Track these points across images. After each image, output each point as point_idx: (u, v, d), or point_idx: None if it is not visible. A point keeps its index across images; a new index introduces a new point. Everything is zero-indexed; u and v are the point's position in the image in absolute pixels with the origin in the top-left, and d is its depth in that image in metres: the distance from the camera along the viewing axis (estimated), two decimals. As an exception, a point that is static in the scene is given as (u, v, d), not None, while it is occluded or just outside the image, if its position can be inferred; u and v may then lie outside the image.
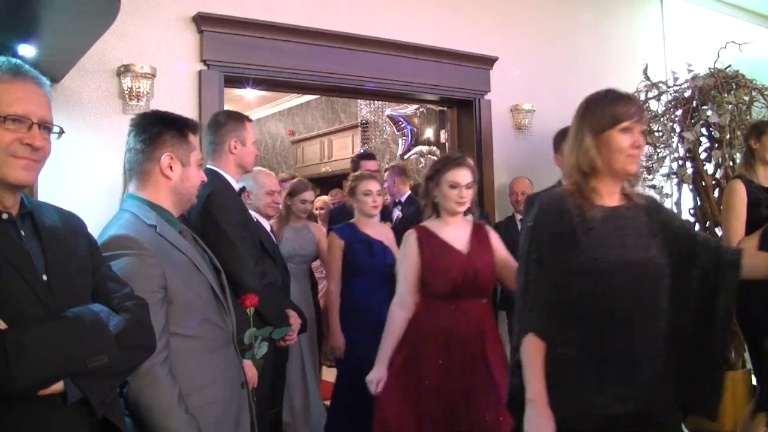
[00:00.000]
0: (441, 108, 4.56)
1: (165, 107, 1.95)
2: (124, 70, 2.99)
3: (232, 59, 3.30)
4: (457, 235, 2.56)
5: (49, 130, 1.27)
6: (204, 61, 3.25)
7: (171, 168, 1.68)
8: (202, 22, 3.21)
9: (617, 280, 1.60)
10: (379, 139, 7.47)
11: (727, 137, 3.94)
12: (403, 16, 3.93)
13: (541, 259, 1.65)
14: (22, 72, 1.25)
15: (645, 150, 1.83)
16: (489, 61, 4.20)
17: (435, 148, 6.45)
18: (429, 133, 6.66)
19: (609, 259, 1.61)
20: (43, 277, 1.22)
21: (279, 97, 8.93)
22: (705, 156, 4.12)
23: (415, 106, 6.40)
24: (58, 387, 1.15)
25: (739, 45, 4.12)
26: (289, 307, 2.66)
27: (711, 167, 4.12)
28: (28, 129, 1.22)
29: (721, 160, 4.01)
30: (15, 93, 1.22)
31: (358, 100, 7.08)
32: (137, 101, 3.00)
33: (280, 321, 2.42)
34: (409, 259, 2.53)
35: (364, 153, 5.04)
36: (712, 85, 3.98)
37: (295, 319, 2.61)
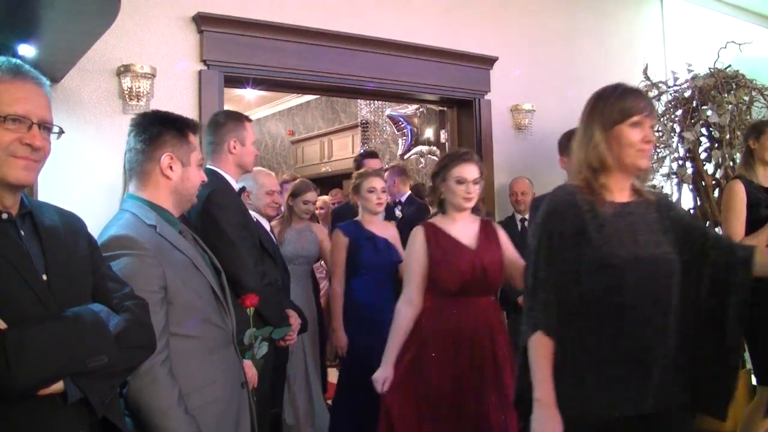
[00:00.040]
0: (441, 108, 4.55)
1: (165, 107, 1.95)
2: (124, 70, 2.99)
3: (232, 59, 3.30)
4: (465, 231, 2.52)
5: (49, 130, 1.27)
6: (204, 61, 3.25)
7: (171, 168, 1.67)
8: (202, 22, 3.21)
9: (629, 276, 1.57)
10: (379, 139, 7.47)
11: (727, 137, 3.94)
12: (403, 16, 3.93)
13: (551, 256, 1.62)
14: (22, 72, 1.25)
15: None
16: (489, 61, 4.20)
17: (435, 148, 6.46)
18: (429, 133, 6.67)
19: (621, 255, 1.58)
20: (43, 277, 1.22)
21: (279, 97, 8.94)
22: (705, 156, 4.12)
23: (415, 106, 6.41)
24: (58, 387, 1.15)
25: (739, 45, 4.12)
26: (289, 307, 2.66)
27: (711, 167, 4.12)
28: (28, 129, 1.22)
29: (721, 160, 4.01)
30: (15, 93, 1.22)
31: (358, 100, 7.08)
32: (137, 101, 3.00)
33: (280, 321, 2.42)
34: (417, 255, 2.48)
35: (368, 151, 5.02)
36: (712, 85, 3.98)
37: (295, 319, 2.61)
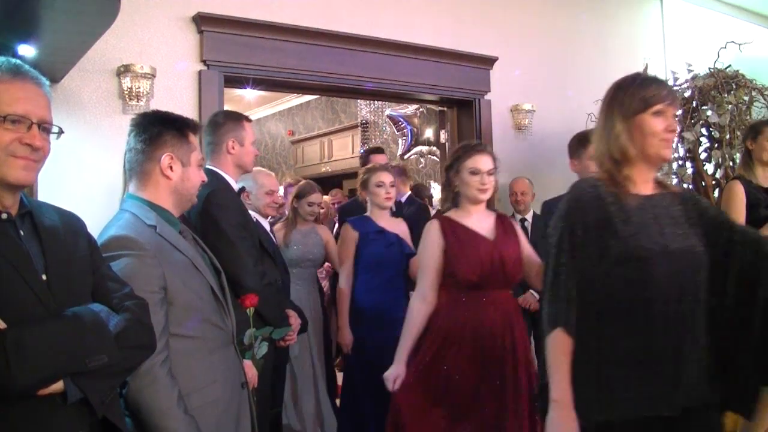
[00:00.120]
0: (441, 108, 4.55)
1: (165, 107, 1.94)
2: (124, 70, 2.99)
3: (232, 59, 3.30)
4: (482, 224, 2.44)
5: (48, 130, 1.27)
6: (204, 61, 3.25)
7: (171, 168, 1.67)
8: (202, 22, 3.21)
9: (657, 270, 1.51)
10: (379, 139, 7.47)
11: (727, 137, 3.94)
12: (402, 16, 3.93)
13: (575, 249, 1.55)
14: (21, 72, 1.25)
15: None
16: (489, 61, 4.20)
17: (435, 148, 6.46)
18: (429, 133, 6.67)
19: (649, 247, 1.52)
20: (43, 277, 1.22)
21: (279, 97, 8.94)
22: (705, 156, 4.13)
23: (415, 106, 6.41)
24: (58, 387, 1.15)
25: (739, 45, 4.12)
26: (289, 307, 2.66)
27: (711, 167, 4.12)
28: (28, 129, 1.22)
29: (721, 160, 4.01)
30: (15, 93, 1.22)
31: (358, 100, 7.08)
32: (137, 101, 3.00)
33: (280, 321, 2.42)
34: (432, 249, 2.40)
35: (374, 147, 5.01)
36: (712, 85, 3.98)
37: (295, 319, 2.61)
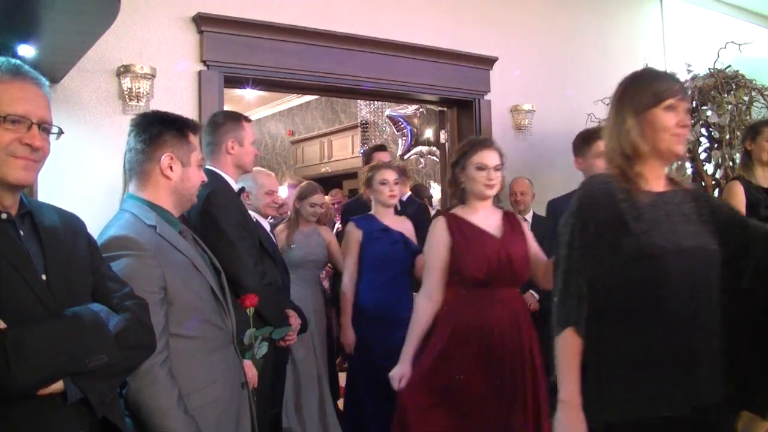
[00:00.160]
0: (441, 108, 4.55)
1: (165, 107, 1.95)
2: (124, 71, 2.99)
3: (232, 59, 3.30)
4: (488, 221, 2.42)
5: (48, 130, 1.27)
6: (204, 62, 3.25)
7: (171, 168, 1.67)
8: (202, 22, 3.21)
9: (671, 268, 1.48)
10: (379, 140, 7.46)
11: (727, 137, 3.94)
12: (402, 16, 3.93)
13: (586, 247, 1.53)
14: (21, 72, 1.25)
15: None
16: (489, 61, 4.20)
17: (435, 148, 6.45)
18: (429, 133, 6.67)
19: (662, 244, 1.49)
20: (42, 277, 1.22)
21: (279, 97, 8.94)
22: (705, 156, 4.12)
23: (415, 106, 6.41)
24: (58, 387, 1.15)
25: (739, 45, 4.12)
26: (288, 307, 2.66)
27: (711, 167, 4.12)
28: (28, 129, 1.22)
29: (720, 160, 4.01)
30: (15, 93, 1.22)
31: (358, 101, 7.08)
32: (137, 101, 3.00)
33: (279, 321, 2.42)
34: (438, 246, 2.38)
35: (377, 145, 5.00)
36: (712, 86, 3.98)
37: (295, 319, 2.61)
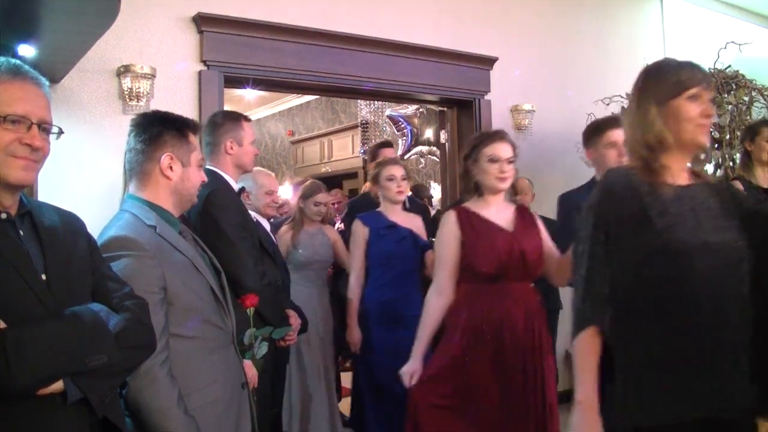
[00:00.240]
0: (441, 108, 4.54)
1: (165, 107, 1.95)
2: (124, 71, 2.99)
3: (232, 59, 3.30)
4: (500, 215, 2.37)
5: (48, 130, 1.27)
6: (204, 62, 3.25)
7: (171, 168, 1.67)
8: (202, 22, 3.21)
9: (698, 264, 1.44)
10: (379, 140, 7.46)
11: (727, 137, 3.94)
12: (402, 16, 3.93)
13: (608, 242, 1.49)
14: (21, 72, 1.25)
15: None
16: (489, 61, 4.20)
17: (435, 148, 6.45)
18: (429, 133, 6.67)
19: (688, 240, 1.45)
20: (42, 277, 1.22)
21: (279, 97, 8.94)
22: (705, 156, 4.12)
23: (415, 106, 6.41)
24: (58, 386, 1.15)
25: (739, 45, 4.12)
26: (289, 307, 2.66)
27: (711, 167, 4.12)
28: (28, 129, 1.22)
29: (720, 160, 4.01)
30: (14, 93, 1.22)
31: (358, 101, 7.08)
32: (137, 101, 3.00)
33: (280, 321, 2.42)
34: (449, 241, 2.34)
35: (382, 141, 4.98)
36: (712, 86, 3.98)
37: (295, 319, 2.61)
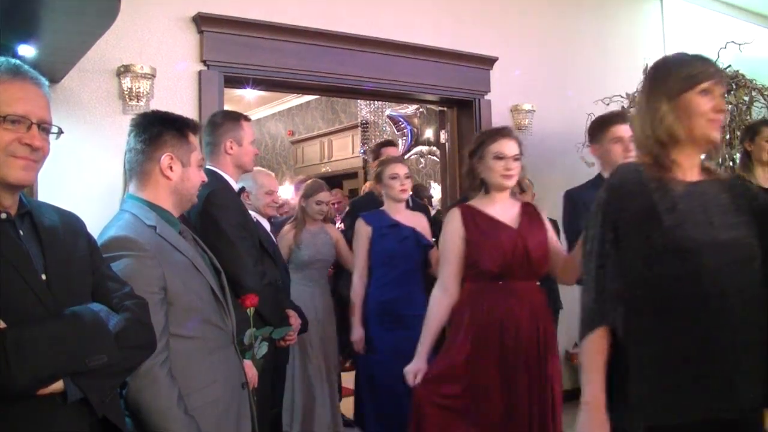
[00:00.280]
0: (441, 108, 4.55)
1: (165, 107, 1.95)
2: (124, 71, 2.99)
3: (232, 59, 3.30)
4: (505, 212, 2.36)
5: (48, 130, 1.27)
6: (204, 62, 3.25)
7: (171, 168, 1.67)
8: (202, 22, 3.21)
9: (708, 262, 1.42)
10: (379, 140, 7.46)
11: (727, 137, 3.94)
12: (402, 16, 3.93)
13: (619, 240, 1.47)
14: (21, 72, 1.25)
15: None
16: (489, 61, 4.20)
17: (435, 148, 6.45)
18: (429, 133, 6.67)
19: (697, 238, 1.43)
20: (42, 277, 1.22)
21: (279, 97, 8.93)
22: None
23: (415, 106, 6.41)
24: (58, 386, 1.15)
25: (739, 45, 4.11)
26: (289, 307, 2.66)
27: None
28: (27, 129, 1.22)
29: (720, 160, 4.01)
30: (14, 93, 1.22)
31: (358, 101, 7.08)
32: (137, 101, 3.00)
33: (280, 321, 2.42)
34: (452, 239, 2.33)
35: (385, 140, 4.96)
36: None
37: (295, 319, 2.61)
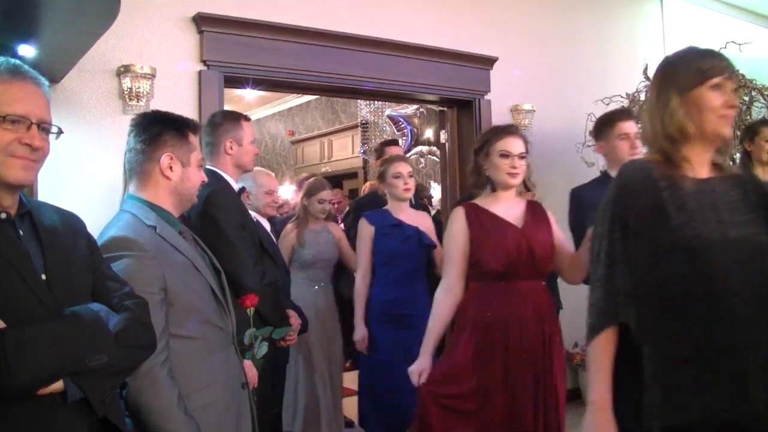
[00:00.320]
0: (441, 108, 4.54)
1: (165, 107, 1.95)
2: (124, 71, 2.99)
3: (232, 59, 3.30)
4: (510, 210, 2.33)
5: (47, 130, 1.27)
6: (204, 62, 3.24)
7: (171, 168, 1.67)
8: (202, 22, 3.21)
9: (717, 260, 1.40)
10: (379, 140, 7.47)
11: (728, 137, 3.94)
12: (402, 16, 3.92)
13: (628, 238, 1.45)
14: (21, 72, 1.25)
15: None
16: (489, 61, 4.20)
17: (435, 148, 6.46)
18: (429, 133, 6.68)
19: (707, 236, 1.41)
20: (42, 277, 1.22)
21: (279, 97, 8.94)
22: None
23: (415, 106, 6.41)
24: (58, 386, 1.15)
25: (739, 45, 4.11)
26: (289, 307, 2.66)
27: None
28: (27, 129, 1.22)
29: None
30: (14, 93, 1.22)
31: (358, 101, 7.08)
32: (137, 101, 3.00)
33: (280, 321, 2.42)
34: (456, 238, 2.30)
35: (388, 139, 4.93)
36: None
37: (295, 319, 2.61)
